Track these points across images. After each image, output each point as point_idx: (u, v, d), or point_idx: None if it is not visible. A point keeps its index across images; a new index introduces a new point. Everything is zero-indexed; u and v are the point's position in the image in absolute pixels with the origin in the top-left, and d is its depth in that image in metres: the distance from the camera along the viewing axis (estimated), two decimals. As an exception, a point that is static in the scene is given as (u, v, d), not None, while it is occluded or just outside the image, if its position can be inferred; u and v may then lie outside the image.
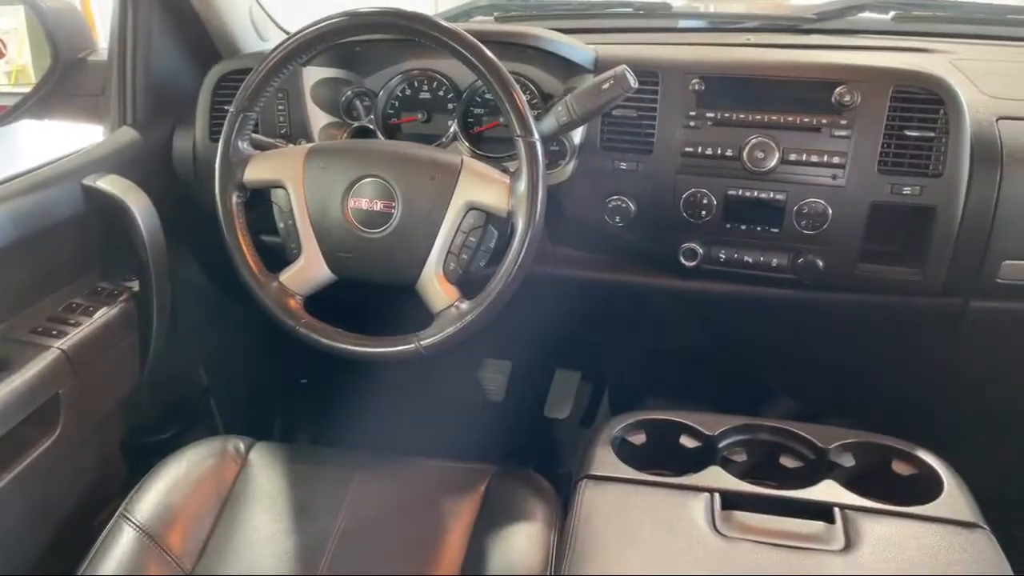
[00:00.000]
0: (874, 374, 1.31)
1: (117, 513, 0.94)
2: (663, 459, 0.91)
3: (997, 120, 1.04)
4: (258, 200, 1.05)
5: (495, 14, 1.48)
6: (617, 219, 1.11)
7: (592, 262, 1.19)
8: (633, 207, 1.10)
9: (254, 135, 1.05)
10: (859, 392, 1.39)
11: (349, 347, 0.98)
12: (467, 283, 1.00)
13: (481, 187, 0.96)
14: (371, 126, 1.22)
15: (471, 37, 0.92)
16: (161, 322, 1.22)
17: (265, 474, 1.02)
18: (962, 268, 1.05)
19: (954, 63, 1.20)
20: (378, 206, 0.98)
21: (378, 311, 1.16)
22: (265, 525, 0.95)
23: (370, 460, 1.06)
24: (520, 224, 0.93)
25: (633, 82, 0.95)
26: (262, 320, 1.02)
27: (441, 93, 1.22)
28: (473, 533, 0.92)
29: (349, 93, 1.24)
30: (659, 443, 0.92)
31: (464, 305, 0.97)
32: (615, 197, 1.11)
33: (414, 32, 0.93)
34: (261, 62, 0.98)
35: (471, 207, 0.97)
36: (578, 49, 1.13)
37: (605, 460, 0.86)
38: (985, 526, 0.76)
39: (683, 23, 1.45)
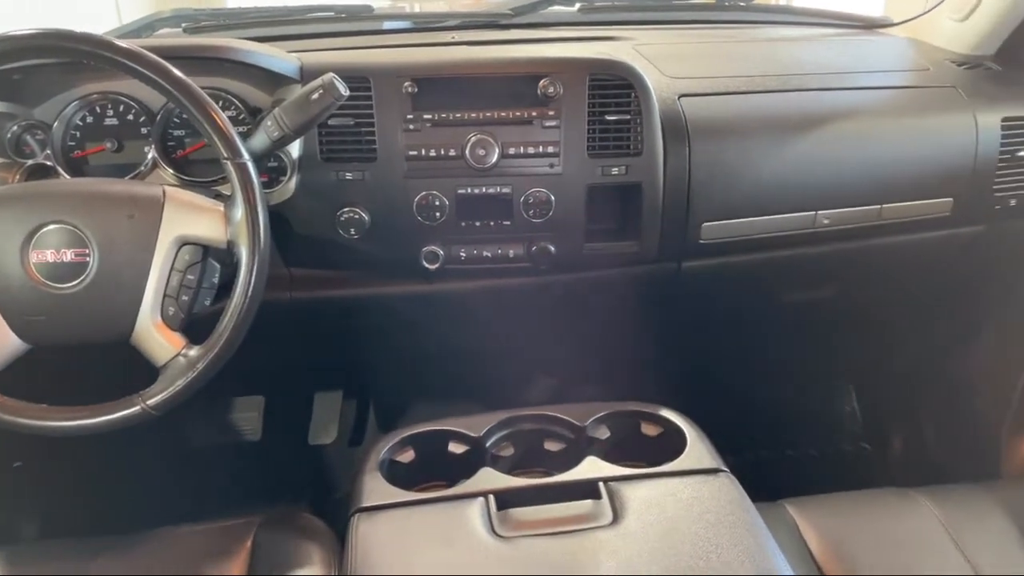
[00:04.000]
0: (615, 342, 1.40)
1: None
2: (435, 470, 0.89)
3: (679, 98, 1.15)
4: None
5: (183, 25, 1.36)
6: (352, 231, 1.07)
7: (332, 279, 1.14)
8: (366, 217, 1.07)
9: None
10: (609, 361, 1.49)
11: (58, 423, 0.84)
12: (193, 326, 0.90)
13: (191, 218, 0.87)
14: (49, 163, 1.05)
15: (152, 56, 0.83)
16: None
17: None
18: (671, 235, 1.15)
19: (637, 48, 1.31)
20: (68, 256, 0.84)
21: (96, 373, 1.02)
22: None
23: (112, 544, 0.92)
24: (244, 253, 0.86)
25: (343, 90, 0.92)
26: None
27: (131, 117, 1.08)
28: (243, 598, 0.84)
29: (15, 128, 1.06)
30: (428, 455, 0.90)
31: (193, 352, 0.87)
32: (346, 209, 1.06)
33: (82, 55, 0.82)
34: None
35: (184, 242, 0.87)
36: (280, 59, 1.06)
37: (375, 488, 0.82)
38: (725, 468, 0.85)
39: (387, 24, 1.44)
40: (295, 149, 1.06)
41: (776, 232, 1.20)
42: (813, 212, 1.20)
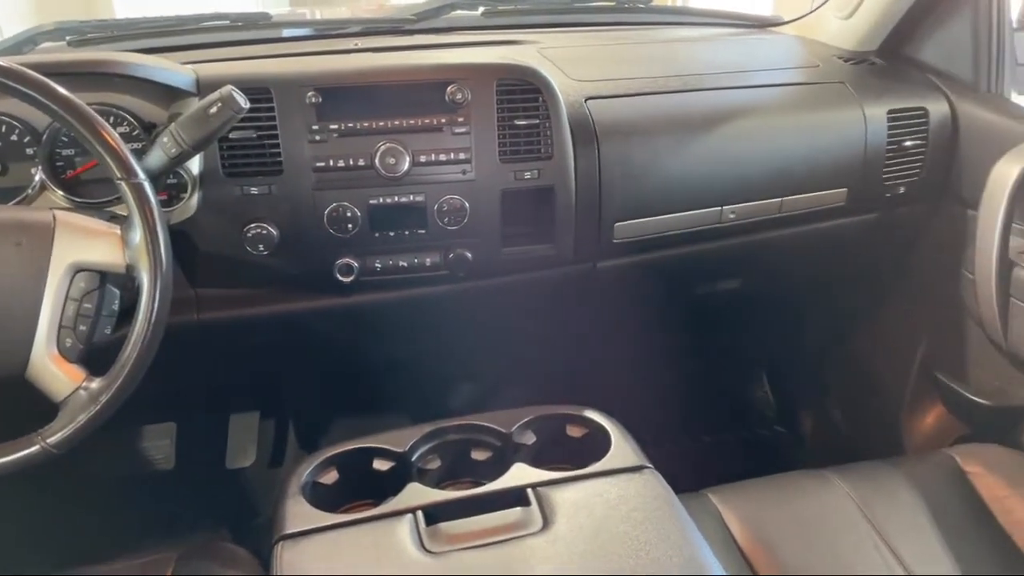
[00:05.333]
0: (538, 345, 1.41)
1: None
2: (360, 490, 0.87)
3: (586, 101, 1.17)
4: None
5: (67, 39, 1.28)
6: (260, 247, 1.04)
7: (242, 298, 1.10)
8: (275, 232, 1.03)
9: None
10: (533, 365, 1.50)
11: None
12: (94, 357, 0.85)
13: (85, 243, 0.82)
14: (-79, 191, 0.98)
15: (32, 73, 0.78)
16: None
17: None
18: (585, 236, 1.16)
19: (542, 52, 1.32)
20: None
21: None
22: None
23: None
24: (145, 278, 0.82)
25: (243, 102, 0.89)
26: None
27: (14, 138, 1.01)
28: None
29: None
30: (352, 475, 0.88)
31: (95, 384, 0.82)
32: (253, 225, 1.03)
33: None
34: None
35: (78, 268, 0.82)
36: (174, 72, 1.02)
37: (297, 513, 0.80)
38: (649, 464, 0.86)
39: (287, 32, 1.40)
40: (195, 165, 1.01)
41: (685, 228, 1.23)
42: (719, 207, 1.24)
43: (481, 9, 1.49)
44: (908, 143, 1.33)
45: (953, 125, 1.35)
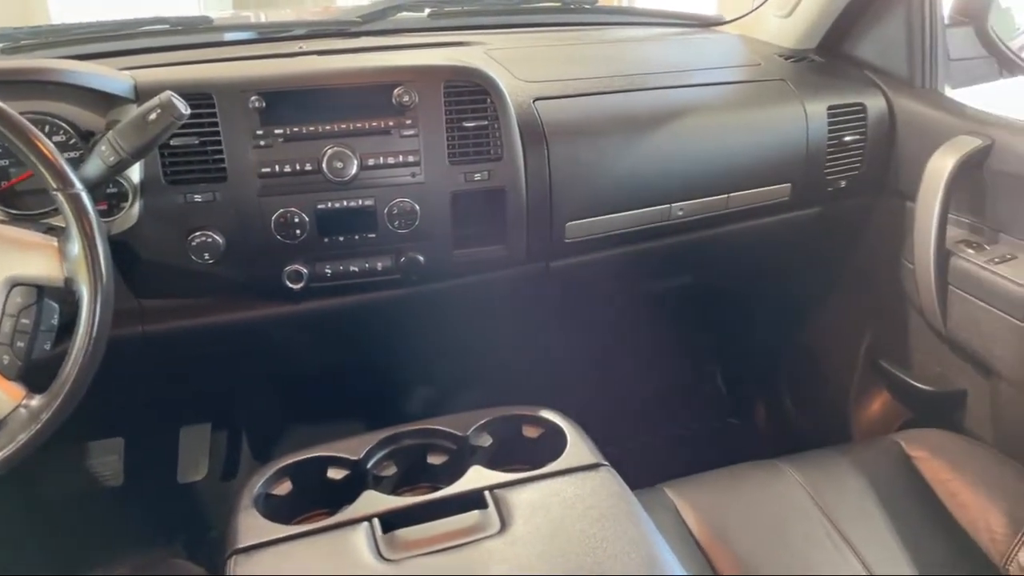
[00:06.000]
0: (493, 346, 1.41)
1: None
2: (315, 499, 0.86)
3: (534, 101, 1.17)
4: None
5: (0, 45, 1.24)
6: (206, 256, 1.01)
7: (188, 308, 1.08)
8: (221, 240, 1.01)
9: None
10: (488, 366, 1.50)
11: None
12: (34, 373, 0.82)
13: (20, 257, 0.80)
14: None
15: (-42, 81, 0.75)
16: None
17: None
18: (537, 236, 1.17)
19: (489, 53, 1.32)
20: None
21: None
22: None
23: None
24: (84, 291, 0.79)
25: (184, 108, 0.87)
26: None
27: None
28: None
29: None
30: (306, 484, 0.87)
31: (35, 401, 0.80)
32: (198, 233, 1.00)
33: None
34: None
35: (14, 283, 0.80)
36: (111, 78, 0.99)
37: (251, 526, 0.78)
38: (605, 462, 0.87)
39: (228, 36, 1.37)
40: (136, 173, 0.99)
41: (635, 226, 1.24)
42: (668, 205, 1.25)
43: (427, 11, 1.48)
44: (848, 138, 1.37)
45: (890, 120, 1.39)
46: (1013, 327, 1.15)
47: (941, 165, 1.24)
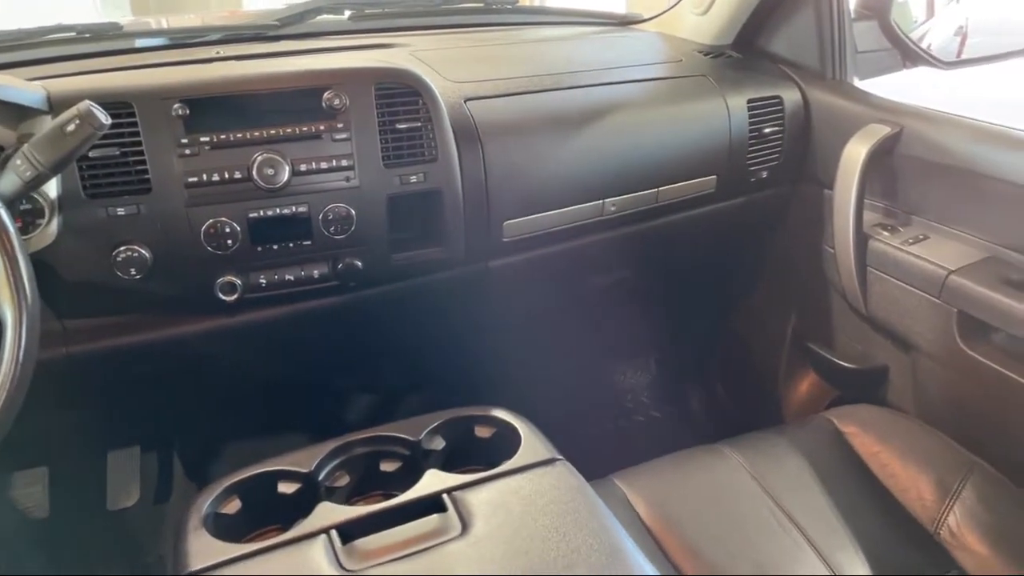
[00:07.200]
0: (438, 349, 1.40)
1: None
2: (267, 516, 0.83)
3: (465, 101, 1.17)
4: None
5: None
6: (132, 271, 0.97)
7: (116, 326, 1.03)
8: (147, 254, 0.97)
9: None
10: (435, 370, 1.48)
11: None
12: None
13: None
14: None
15: None
16: None
17: None
18: (475, 236, 1.17)
19: (415, 54, 1.31)
20: None
21: None
22: None
23: None
24: (7, 313, 0.75)
25: (104, 118, 0.83)
26: None
27: None
28: None
29: None
30: (257, 501, 0.84)
31: (-43, 435, 0.74)
32: (122, 248, 0.96)
33: None
34: None
35: None
36: (20, 89, 0.93)
37: (201, 547, 0.75)
38: (560, 456, 0.87)
39: (141, 42, 1.32)
40: (52, 188, 0.94)
41: (570, 223, 1.26)
42: (600, 201, 1.27)
43: (347, 13, 1.46)
44: (767, 130, 1.42)
45: (805, 111, 1.45)
46: (929, 303, 1.22)
47: (855, 153, 1.30)
